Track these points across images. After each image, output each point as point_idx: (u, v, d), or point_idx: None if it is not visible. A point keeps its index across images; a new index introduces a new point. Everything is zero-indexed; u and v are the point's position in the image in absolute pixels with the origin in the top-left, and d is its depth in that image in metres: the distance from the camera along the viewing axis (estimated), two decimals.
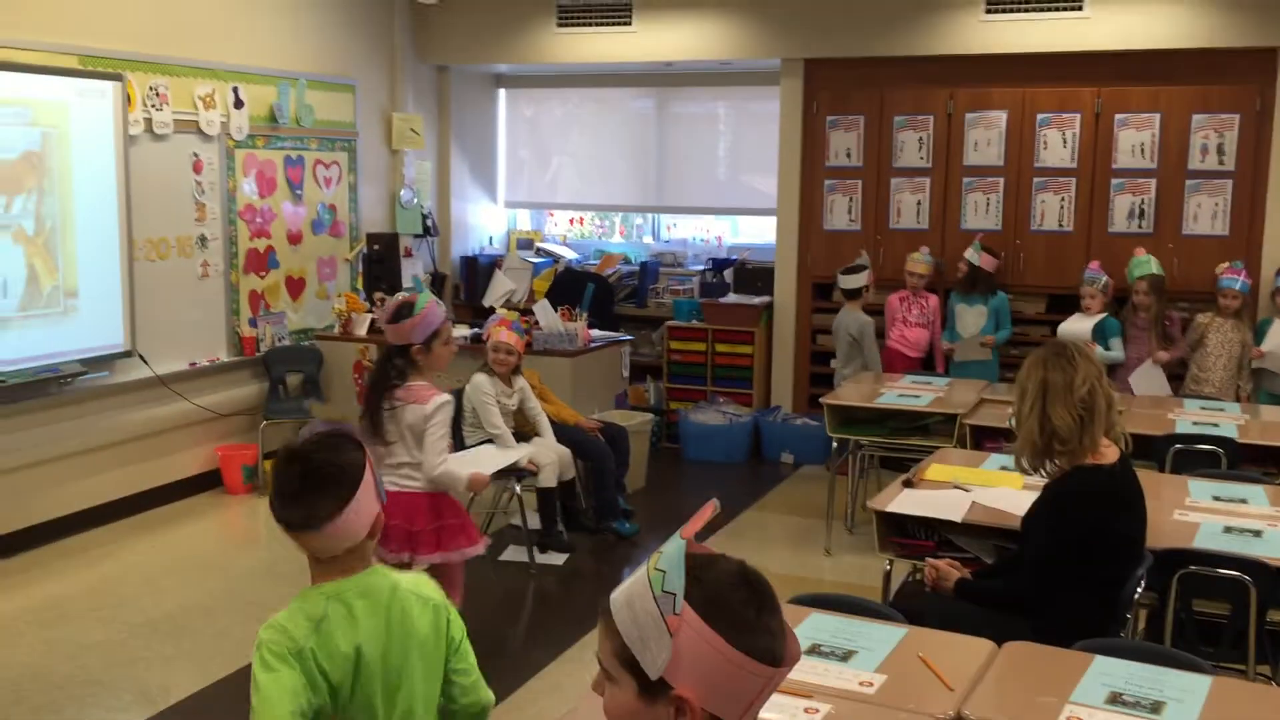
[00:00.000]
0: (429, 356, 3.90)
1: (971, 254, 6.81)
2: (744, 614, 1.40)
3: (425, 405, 3.84)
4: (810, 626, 2.77)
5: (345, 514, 2.05)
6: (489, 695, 2.27)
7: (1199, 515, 3.72)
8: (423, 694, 2.15)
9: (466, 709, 2.24)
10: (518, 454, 5.25)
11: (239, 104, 6.79)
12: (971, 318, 6.80)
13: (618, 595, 1.46)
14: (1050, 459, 3.19)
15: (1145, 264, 6.34)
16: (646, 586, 1.41)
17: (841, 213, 7.53)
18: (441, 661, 2.19)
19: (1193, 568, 3.30)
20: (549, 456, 5.50)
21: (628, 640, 1.41)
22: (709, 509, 1.45)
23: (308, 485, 2.06)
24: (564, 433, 5.76)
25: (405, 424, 3.87)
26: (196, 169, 6.58)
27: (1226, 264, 6.40)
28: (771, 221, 7.92)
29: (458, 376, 5.46)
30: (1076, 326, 6.31)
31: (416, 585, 2.21)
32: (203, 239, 6.65)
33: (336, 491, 2.05)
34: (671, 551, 1.41)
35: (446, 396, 3.94)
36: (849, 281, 6.81)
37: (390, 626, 2.11)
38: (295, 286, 7.36)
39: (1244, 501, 3.88)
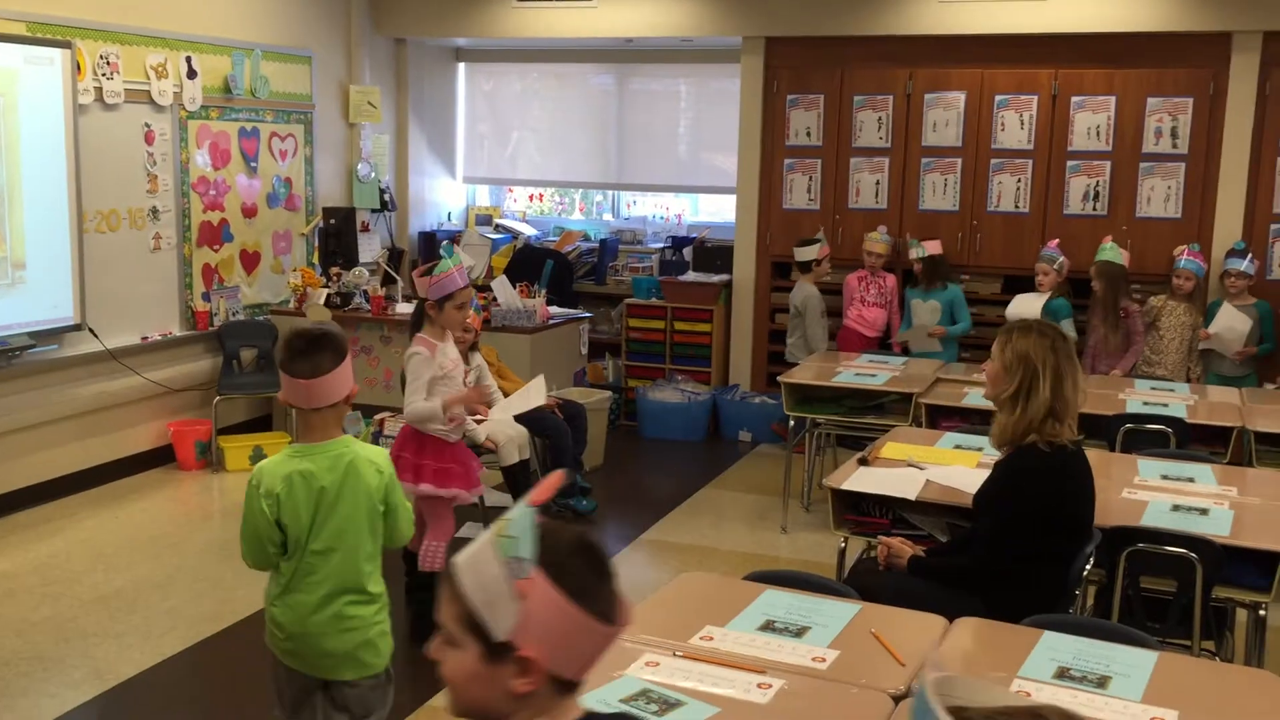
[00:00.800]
0: (440, 314, 4.32)
1: (915, 251, 6.79)
2: (586, 579, 1.46)
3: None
4: (765, 603, 2.78)
5: (339, 369, 2.82)
6: (408, 534, 3.07)
7: (1147, 494, 3.78)
8: (366, 532, 2.91)
9: (392, 541, 3.02)
10: (532, 401, 5.24)
11: (192, 74, 6.68)
12: (926, 313, 6.77)
13: (462, 560, 1.49)
14: (1020, 436, 3.19)
15: (1102, 251, 6.38)
16: (493, 551, 1.44)
17: (801, 192, 7.55)
18: (380, 512, 2.93)
19: (1140, 545, 3.35)
20: (507, 434, 5.47)
21: (473, 604, 1.45)
22: (556, 479, 1.50)
23: (312, 346, 2.80)
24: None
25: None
26: (148, 140, 6.47)
27: (1184, 247, 6.47)
28: (731, 200, 7.92)
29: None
30: (1027, 306, 6.33)
31: (372, 456, 2.94)
32: (155, 211, 6.55)
33: (334, 351, 2.81)
34: (519, 518, 1.45)
35: (418, 349, 4.29)
36: (801, 254, 6.92)
37: (345, 482, 2.86)
38: (250, 260, 7.27)
39: (1191, 480, 3.94)
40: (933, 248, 6.80)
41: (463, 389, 4.70)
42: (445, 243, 7.76)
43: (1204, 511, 3.60)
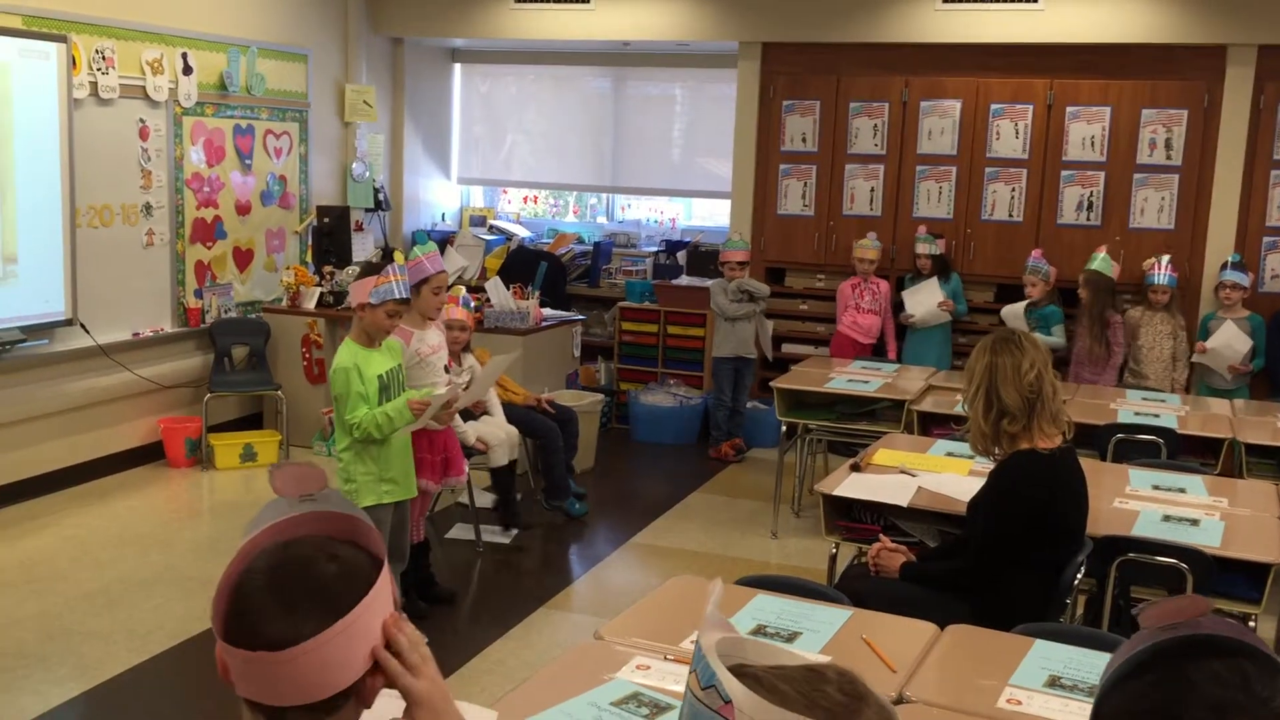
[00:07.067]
0: (416, 300, 4.37)
1: (931, 248, 6.91)
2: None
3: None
4: (755, 608, 2.78)
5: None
6: None
7: (1139, 503, 3.78)
8: None
9: None
10: (498, 370, 5.25)
11: (188, 70, 6.66)
12: (933, 289, 6.93)
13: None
14: (998, 443, 3.22)
15: (1093, 260, 6.40)
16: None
17: (795, 198, 7.55)
18: None
19: (1131, 555, 3.36)
20: (499, 435, 5.47)
21: None
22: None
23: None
24: (511, 412, 5.73)
25: None
26: (143, 135, 6.45)
27: (1153, 259, 6.48)
28: (725, 204, 7.92)
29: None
30: (1016, 310, 6.44)
31: None
32: (148, 207, 6.53)
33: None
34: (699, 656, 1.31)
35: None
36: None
37: None
38: (243, 258, 7.25)
39: (1182, 491, 3.95)
40: (941, 246, 7.03)
41: (441, 375, 4.72)
42: (417, 231, 8.05)
43: (1195, 522, 3.60)
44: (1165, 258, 6.42)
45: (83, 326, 6.07)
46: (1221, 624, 1.08)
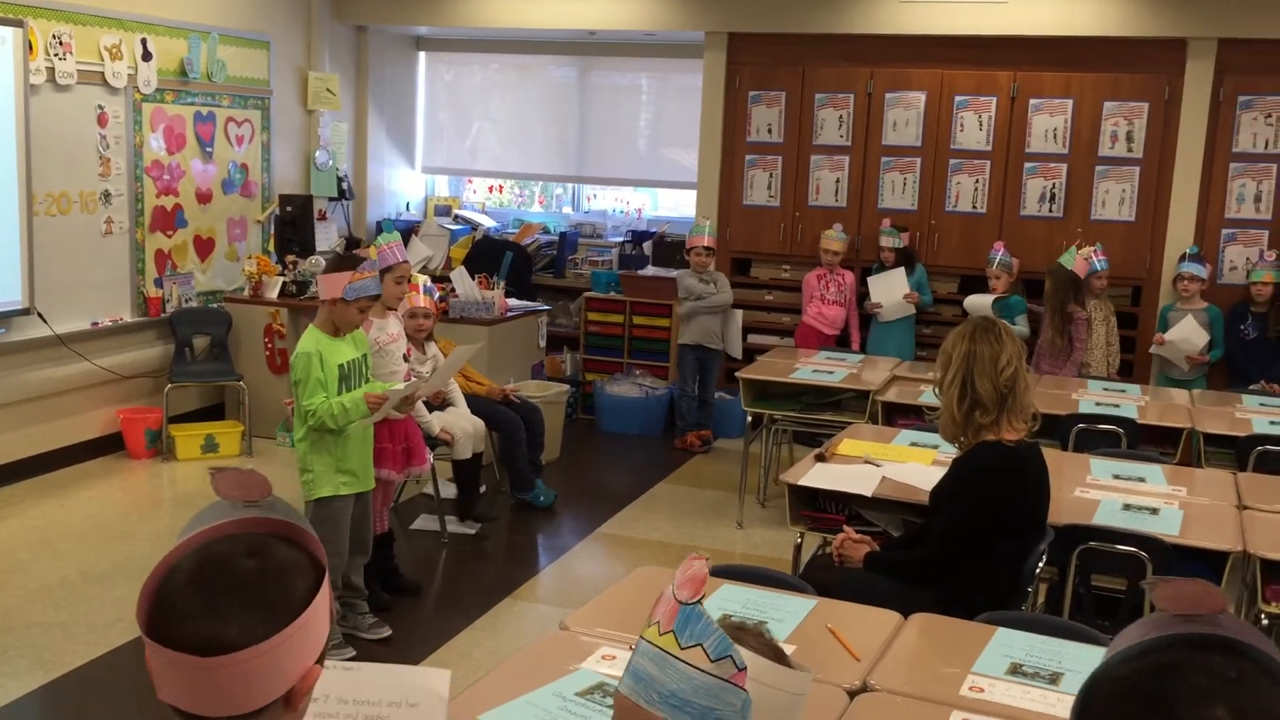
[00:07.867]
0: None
1: (895, 241, 6.95)
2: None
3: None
4: (721, 598, 2.78)
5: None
6: None
7: (1099, 493, 3.82)
8: None
9: None
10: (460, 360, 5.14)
11: (147, 56, 6.57)
12: (899, 280, 6.96)
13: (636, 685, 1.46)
14: (967, 432, 3.23)
15: (1060, 254, 6.46)
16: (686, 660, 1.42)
17: (761, 188, 7.56)
18: None
19: (1092, 544, 3.39)
20: (464, 427, 5.44)
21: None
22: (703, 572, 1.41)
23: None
24: (476, 404, 5.71)
25: None
26: (101, 122, 6.36)
27: (1090, 248, 6.55)
28: (691, 195, 7.92)
29: None
30: (979, 302, 6.49)
31: None
32: (107, 195, 6.44)
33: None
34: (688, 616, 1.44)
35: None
36: None
37: None
38: (204, 247, 7.17)
39: (1142, 480, 4.00)
40: (909, 239, 7.08)
41: (400, 363, 4.71)
42: (382, 220, 8.09)
43: (1154, 511, 3.65)
44: (1098, 245, 6.52)
45: (40, 316, 5.98)
46: (1240, 627, 1.09)
